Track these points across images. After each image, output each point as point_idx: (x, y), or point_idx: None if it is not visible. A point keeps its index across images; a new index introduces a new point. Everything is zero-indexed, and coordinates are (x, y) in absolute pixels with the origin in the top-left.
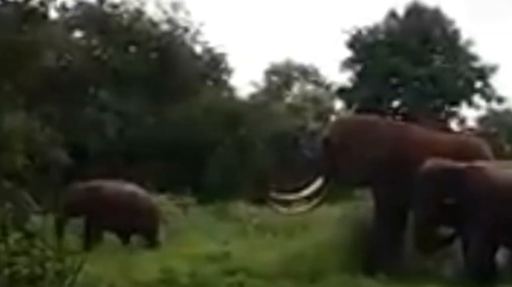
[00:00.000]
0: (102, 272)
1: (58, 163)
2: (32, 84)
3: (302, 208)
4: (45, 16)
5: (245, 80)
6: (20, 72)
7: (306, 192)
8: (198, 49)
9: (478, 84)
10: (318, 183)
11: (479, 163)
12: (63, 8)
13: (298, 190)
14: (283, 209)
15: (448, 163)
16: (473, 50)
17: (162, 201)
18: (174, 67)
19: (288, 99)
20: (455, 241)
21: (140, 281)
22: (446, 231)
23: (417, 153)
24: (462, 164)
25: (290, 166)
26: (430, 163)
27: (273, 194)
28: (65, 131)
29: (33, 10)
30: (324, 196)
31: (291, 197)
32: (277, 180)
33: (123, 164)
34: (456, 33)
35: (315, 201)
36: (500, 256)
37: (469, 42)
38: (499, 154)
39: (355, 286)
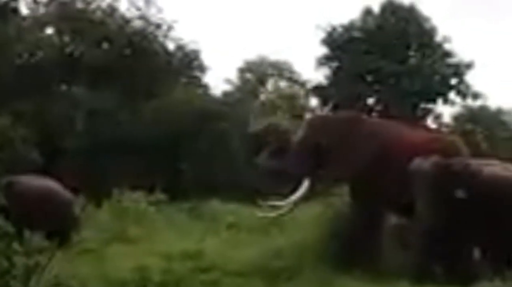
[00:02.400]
0: (74, 268)
1: (29, 160)
2: (3, 80)
3: (283, 207)
4: (16, 11)
5: (219, 77)
6: None
7: (296, 195)
8: (171, 46)
9: (454, 81)
10: (305, 185)
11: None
12: (34, 3)
13: (286, 195)
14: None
15: (446, 160)
16: (449, 47)
17: (135, 199)
18: (147, 63)
19: (263, 97)
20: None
21: (112, 278)
22: None
23: (399, 151)
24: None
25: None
26: (427, 161)
27: (262, 202)
28: (37, 128)
29: (4, 4)
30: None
31: (281, 203)
32: (252, 179)
33: (96, 161)
34: (432, 30)
35: (295, 200)
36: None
37: (445, 39)
38: (476, 152)
39: (331, 283)
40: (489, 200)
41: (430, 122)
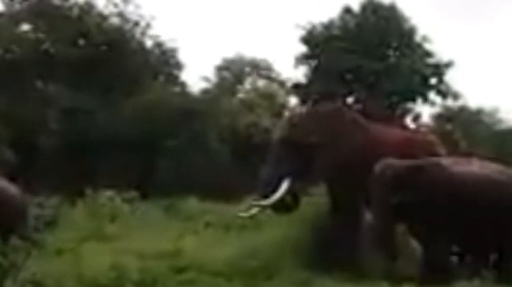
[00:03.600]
0: (50, 267)
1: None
2: None
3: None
4: None
5: (197, 75)
6: None
7: (276, 196)
8: (148, 43)
9: (433, 81)
10: (285, 185)
11: (433, 161)
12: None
13: (266, 195)
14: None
15: (401, 161)
16: (428, 46)
17: (110, 197)
18: (124, 61)
19: (241, 95)
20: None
21: (88, 277)
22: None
23: (377, 150)
24: (415, 162)
25: (243, 162)
26: (382, 163)
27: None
28: (11, 126)
29: None
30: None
31: (261, 203)
32: (230, 177)
33: (72, 159)
34: (412, 29)
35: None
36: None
37: (425, 39)
38: (454, 151)
39: (310, 283)
40: (458, 200)
41: (409, 122)
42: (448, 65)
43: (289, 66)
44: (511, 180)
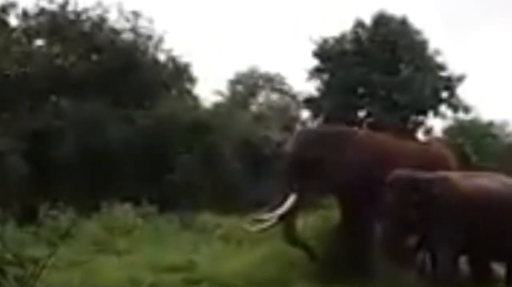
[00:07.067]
0: (64, 279)
1: (15, 171)
2: None
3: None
4: (5, 23)
5: (209, 89)
6: None
7: (281, 210)
8: (161, 57)
9: (445, 94)
10: (292, 199)
11: (444, 173)
12: (24, 15)
13: (272, 208)
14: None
15: (412, 173)
16: (440, 60)
17: (124, 211)
18: (137, 75)
19: (253, 108)
20: (421, 250)
21: None
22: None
23: (389, 163)
24: (426, 174)
25: (255, 176)
26: (394, 174)
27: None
28: (25, 140)
29: None
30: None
31: (266, 216)
32: (243, 190)
33: (85, 173)
34: (423, 42)
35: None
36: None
37: (437, 52)
38: (466, 164)
39: None
40: (468, 213)
41: (420, 135)
42: (460, 79)
43: (301, 79)
44: None
